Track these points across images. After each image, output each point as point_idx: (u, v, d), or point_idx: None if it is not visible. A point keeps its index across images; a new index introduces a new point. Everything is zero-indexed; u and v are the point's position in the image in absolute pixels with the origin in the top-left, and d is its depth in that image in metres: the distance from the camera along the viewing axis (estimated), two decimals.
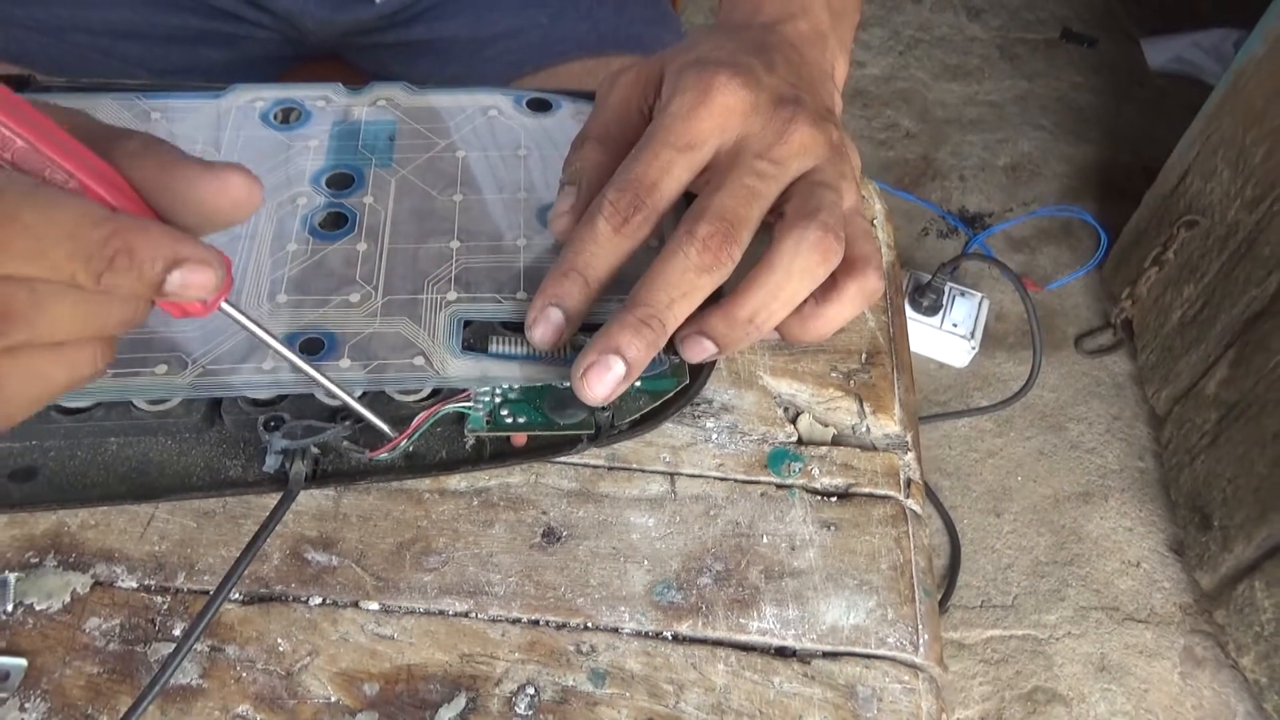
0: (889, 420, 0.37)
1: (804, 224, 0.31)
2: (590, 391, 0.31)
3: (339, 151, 0.40)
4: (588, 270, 0.32)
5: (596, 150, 0.35)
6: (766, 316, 0.32)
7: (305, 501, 0.33)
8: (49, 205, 0.23)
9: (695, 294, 0.31)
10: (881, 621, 0.32)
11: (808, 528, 0.33)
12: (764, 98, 0.33)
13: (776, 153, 0.32)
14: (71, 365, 0.25)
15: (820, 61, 0.38)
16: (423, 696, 0.30)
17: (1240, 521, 1.00)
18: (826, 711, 0.30)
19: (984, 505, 1.16)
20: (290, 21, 0.59)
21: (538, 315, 0.33)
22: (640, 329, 0.31)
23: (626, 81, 0.36)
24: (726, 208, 0.31)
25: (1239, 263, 1.05)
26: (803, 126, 0.33)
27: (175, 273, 0.24)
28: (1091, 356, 1.29)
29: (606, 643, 0.31)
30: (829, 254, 0.31)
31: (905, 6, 1.72)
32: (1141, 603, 1.10)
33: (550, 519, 0.33)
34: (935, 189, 1.45)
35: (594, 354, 0.31)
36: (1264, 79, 1.02)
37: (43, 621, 0.30)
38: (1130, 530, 1.15)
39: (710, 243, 0.31)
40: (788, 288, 0.32)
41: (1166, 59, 1.61)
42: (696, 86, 0.32)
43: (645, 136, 0.33)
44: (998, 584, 1.11)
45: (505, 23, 0.60)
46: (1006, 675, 1.04)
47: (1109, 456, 1.21)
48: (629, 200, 0.32)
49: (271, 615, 0.31)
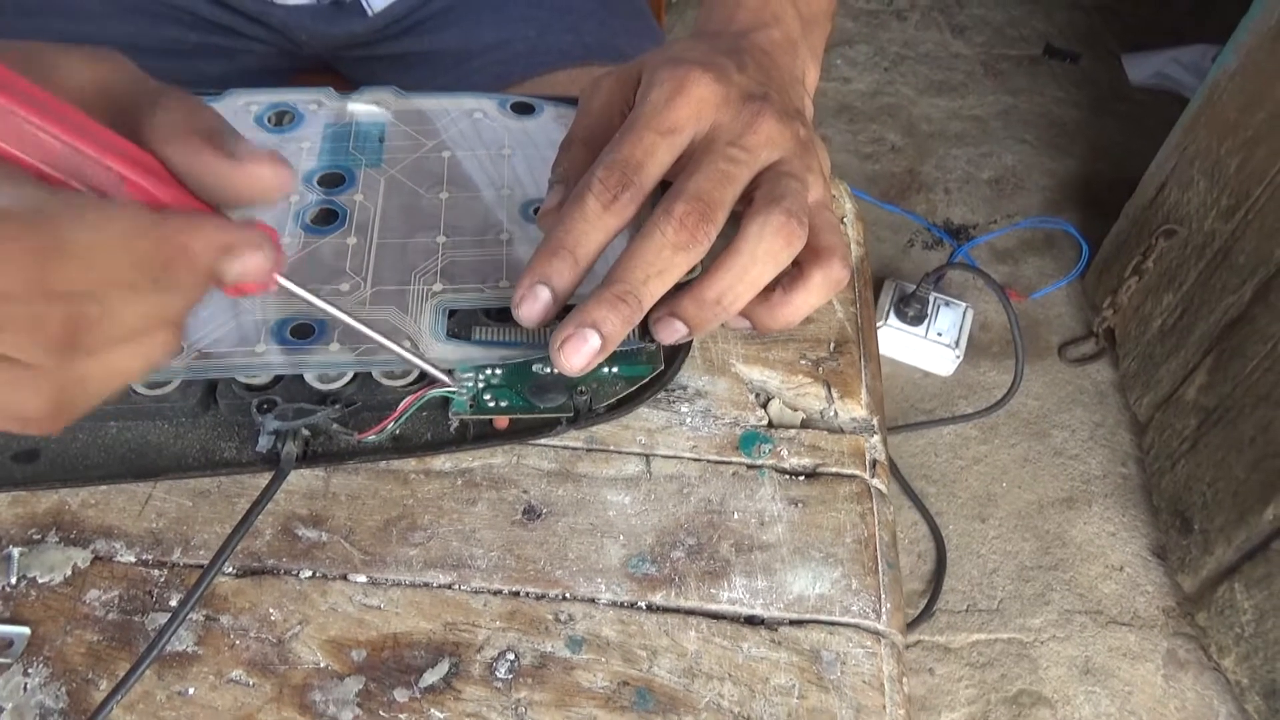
0: (856, 405, 0.38)
1: (768, 210, 0.33)
2: (567, 362, 0.32)
3: (331, 152, 0.41)
4: (577, 248, 0.33)
5: (583, 151, 0.37)
6: (733, 298, 0.34)
7: (296, 481, 0.35)
8: (97, 223, 0.23)
9: (670, 272, 0.33)
10: (846, 591, 0.33)
11: (776, 504, 0.35)
12: (734, 92, 0.35)
13: (746, 141, 0.34)
14: (146, 354, 0.26)
15: (791, 67, 0.40)
16: (408, 662, 0.31)
17: (1220, 524, 1.02)
18: (792, 674, 0.31)
19: (969, 511, 1.18)
20: (286, 35, 0.61)
21: (525, 293, 0.33)
22: (616, 304, 0.32)
23: (608, 86, 0.38)
24: (702, 189, 0.33)
25: (1215, 271, 1.08)
26: (770, 119, 0.34)
27: (229, 263, 0.25)
28: (1075, 365, 1.31)
29: (584, 612, 0.32)
30: (792, 238, 0.33)
31: (891, 24, 1.75)
32: (1125, 606, 1.11)
33: (531, 497, 0.35)
34: (921, 201, 1.48)
35: (571, 327, 0.32)
36: (1236, 92, 1.05)
37: (45, 593, 0.32)
38: (1113, 535, 1.17)
39: (687, 221, 0.32)
40: (753, 270, 0.33)
41: (1147, 75, 1.64)
42: (673, 79, 0.34)
43: (627, 123, 0.34)
44: (983, 589, 1.12)
45: (493, 35, 0.62)
46: (992, 679, 1.06)
47: (1092, 463, 1.22)
48: (617, 178, 0.33)
49: (264, 587, 0.32)
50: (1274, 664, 0.96)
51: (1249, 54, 1.03)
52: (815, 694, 0.31)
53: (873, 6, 1.78)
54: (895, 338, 1.26)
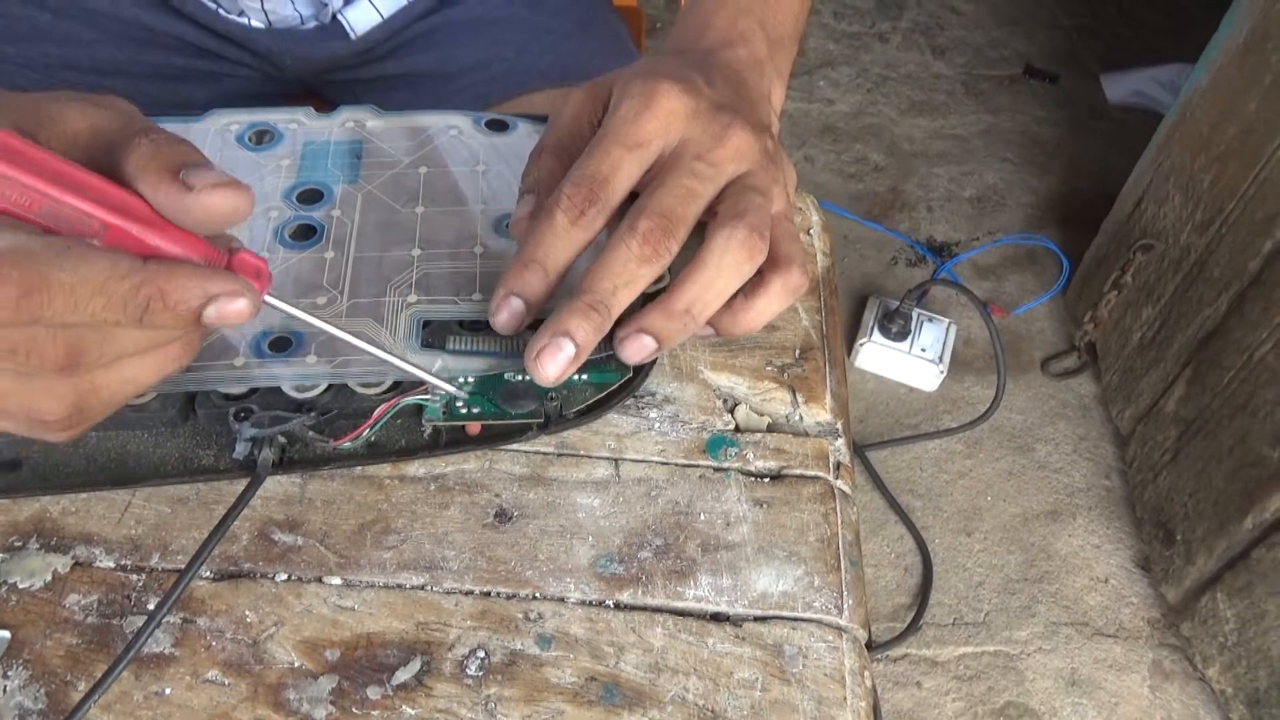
0: (820, 409, 0.39)
1: (733, 224, 0.34)
2: (543, 371, 0.34)
3: (309, 169, 0.43)
4: (547, 260, 0.35)
5: (552, 160, 0.38)
6: (701, 308, 0.35)
7: (273, 487, 0.36)
8: (79, 264, 0.25)
9: (636, 283, 0.34)
10: (809, 588, 0.34)
11: (742, 505, 0.36)
12: (704, 105, 0.36)
13: (714, 155, 0.35)
14: (157, 364, 0.29)
15: (758, 85, 0.41)
16: (380, 661, 0.32)
17: (1201, 534, 1.03)
18: (755, 668, 0.32)
19: (955, 525, 1.19)
20: (270, 59, 0.62)
21: (500, 303, 0.35)
22: (588, 313, 0.33)
23: (578, 99, 0.39)
24: (666, 206, 0.34)
25: (1192, 284, 1.09)
26: (739, 132, 0.36)
27: (210, 308, 0.27)
28: (1057, 379, 1.32)
29: (553, 611, 0.33)
30: (754, 251, 0.34)
31: (873, 46, 1.77)
32: (1110, 618, 1.12)
33: (502, 501, 0.36)
34: (904, 220, 1.50)
35: (545, 337, 0.33)
36: (1208, 108, 1.07)
37: (25, 598, 0.33)
38: (1098, 547, 1.18)
39: (650, 237, 0.33)
40: (719, 282, 0.34)
41: (1125, 93, 1.66)
42: (643, 93, 0.35)
43: (596, 138, 0.35)
44: (969, 602, 1.13)
45: (473, 57, 0.64)
46: (979, 691, 1.06)
47: (1076, 476, 1.23)
48: (584, 194, 0.34)
49: (240, 590, 0.33)
50: (1257, 672, 0.97)
51: (1220, 71, 1.05)
52: (778, 686, 0.32)
53: (855, 29, 1.81)
54: (879, 354, 1.27)
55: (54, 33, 0.57)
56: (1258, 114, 0.98)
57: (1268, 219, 0.96)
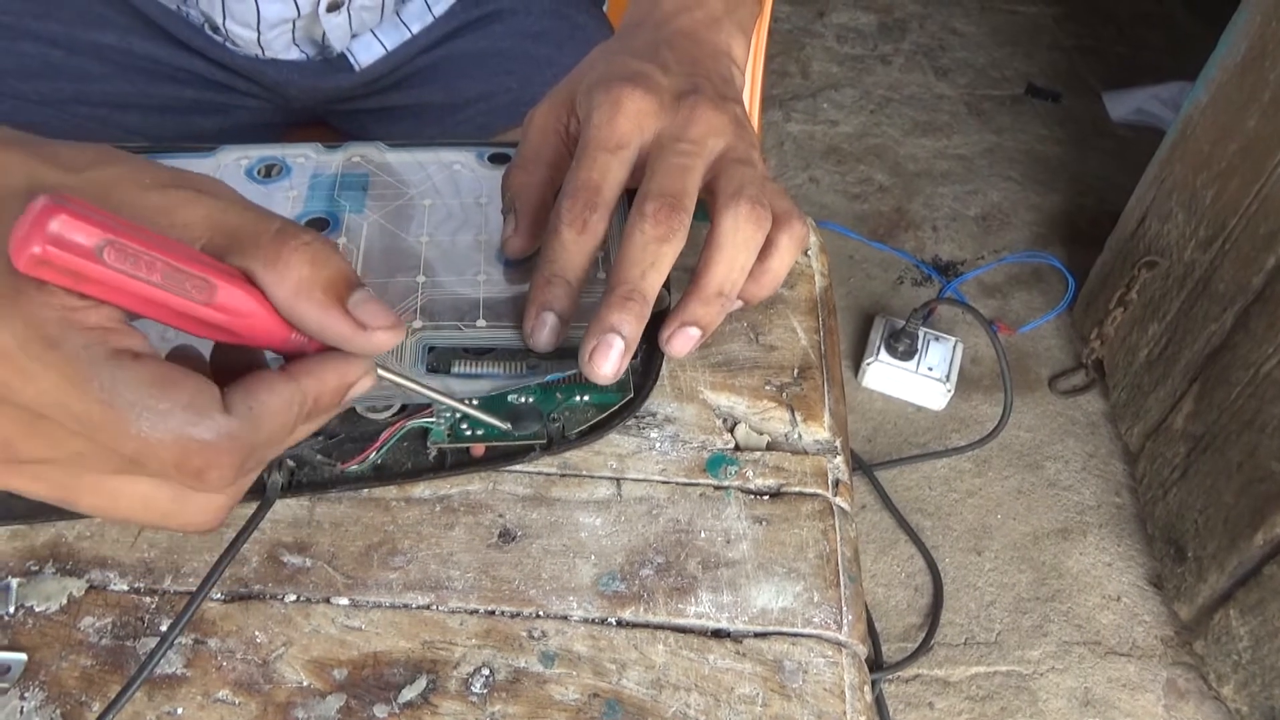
0: (819, 428, 0.40)
1: (735, 202, 0.36)
2: (599, 371, 0.35)
3: (316, 199, 0.44)
4: (566, 272, 0.37)
5: (521, 174, 0.40)
6: (730, 287, 0.37)
7: (282, 511, 0.36)
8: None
9: (661, 263, 0.35)
10: (808, 604, 0.35)
11: (742, 523, 0.36)
12: (666, 97, 0.38)
13: (690, 134, 0.37)
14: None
15: (715, 40, 0.43)
16: (387, 679, 0.32)
17: (1212, 551, 1.03)
18: (756, 684, 0.33)
19: (965, 544, 1.18)
20: (277, 90, 0.63)
21: (534, 322, 0.37)
22: (625, 304, 0.35)
23: (542, 111, 0.41)
24: (664, 185, 0.36)
25: (1197, 300, 1.09)
26: (705, 111, 0.37)
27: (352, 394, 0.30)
28: (1065, 396, 1.32)
29: (556, 629, 0.34)
30: (761, 220, 0.36)
31: (875, 68, 1.79)
32: (1123, 636, 1.12)
33: (506, 521, 0.36)
34: (909, 239, 1.50)
35: (594, 338, 0.35)
36: (1209, 125, 1.08)
37: (41, 621, 0.33)
38: (1109, 565, 1.17)
39: (659, 215, 0.35)
40: (739, 258, 0.36)
41: (1127, 111, 1.67)
42: (608, 100, 0.37)
43: (578, 150, 0.37)
44: (981, 621, 1.12)
45: (477, 88, 0.65)
46: (992, 712, 1.06)
47: (1086, 493, 1.23)
48: (582, 203, 0.36)
49: (250, 611, 0.34)
50: (1272, 690, 0.96)
51: (1219, 88, 1.06)
52: (778, 702, 0.32)
53: (858, 51, 1.82)
54: (886, 373, 1.28)
55: (66, 68, 0.59)
56: (1257, 131, 0.99)
57: (1270, 235, 0.96)
